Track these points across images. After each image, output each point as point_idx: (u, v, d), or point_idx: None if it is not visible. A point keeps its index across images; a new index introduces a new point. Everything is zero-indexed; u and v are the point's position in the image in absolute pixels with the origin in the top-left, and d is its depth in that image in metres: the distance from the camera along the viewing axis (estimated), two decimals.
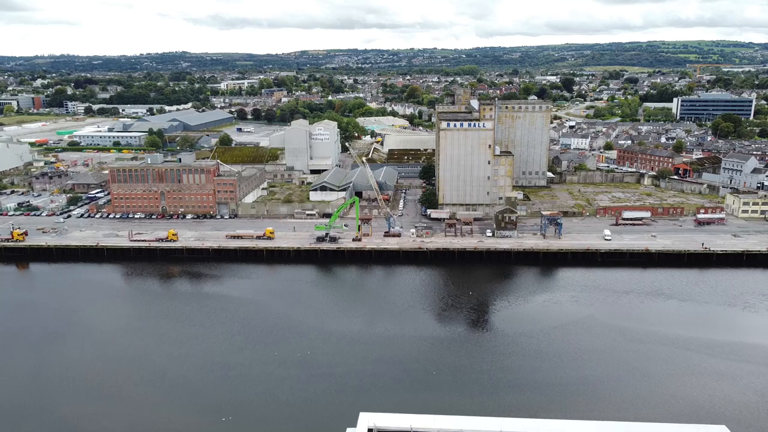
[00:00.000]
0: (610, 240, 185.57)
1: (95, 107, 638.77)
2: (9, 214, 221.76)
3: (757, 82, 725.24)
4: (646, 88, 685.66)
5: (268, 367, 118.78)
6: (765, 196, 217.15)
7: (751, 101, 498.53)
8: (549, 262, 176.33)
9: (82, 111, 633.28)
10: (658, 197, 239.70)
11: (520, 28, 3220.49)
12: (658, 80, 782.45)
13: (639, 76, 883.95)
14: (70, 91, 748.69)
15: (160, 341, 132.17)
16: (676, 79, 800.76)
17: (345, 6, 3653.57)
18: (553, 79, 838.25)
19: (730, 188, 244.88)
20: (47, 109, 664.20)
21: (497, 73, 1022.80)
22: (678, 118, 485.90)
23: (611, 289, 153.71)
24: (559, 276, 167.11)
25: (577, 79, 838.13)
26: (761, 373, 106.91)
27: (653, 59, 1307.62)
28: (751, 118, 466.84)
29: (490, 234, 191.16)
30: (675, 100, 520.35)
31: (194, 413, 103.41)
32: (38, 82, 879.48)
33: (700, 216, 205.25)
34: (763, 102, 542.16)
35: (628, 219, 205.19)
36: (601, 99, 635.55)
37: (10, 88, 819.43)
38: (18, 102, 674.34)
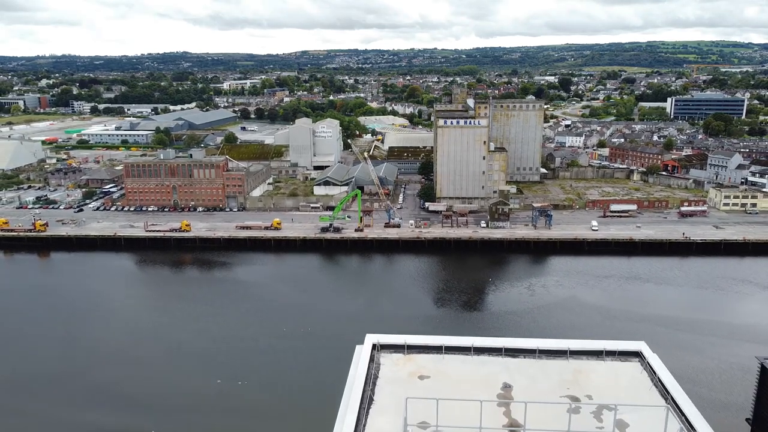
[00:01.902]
0: (596, 230, 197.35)
1: (101, 107, 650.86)
2: (29, 207, 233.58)
3: (752, 82, 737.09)
4: (642, 88, 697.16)
5: (275, 341, 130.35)
6: (745, 189, 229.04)
7: (743, 101, 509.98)
8: (539, 250, 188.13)
9: (88, 110, 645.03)
10: (646, 192, 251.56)
11: (520, 28, 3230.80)
12: (656, 80, 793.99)
13: (636, 76, 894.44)
14: (75, 90, 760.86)
15: (177, 318, 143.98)
16: (673, 79, 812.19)
17: (344, 6, 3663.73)
18: (551, 79, 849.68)
19: (715, 183, 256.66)
20: (53, 109, 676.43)
21: (496, 73, 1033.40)
22: (672, 117, 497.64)
23: (594, 274, 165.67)
24: (548, 263, 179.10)
25: (575, 79, 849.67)
26: (722, 344, 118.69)
27: (652, 59, 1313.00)
28: (743, 117, 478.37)
29: (485, 225, 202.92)
30: (669, 99, 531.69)
31: (212, 378, 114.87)
32: (43, 82, 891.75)
33: (683, 209, 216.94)
34: (756, 102, 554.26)
35: (615, 211, 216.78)
36: (598, 99, 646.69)
37: (16, 87, 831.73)
38: (24, 102, 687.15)
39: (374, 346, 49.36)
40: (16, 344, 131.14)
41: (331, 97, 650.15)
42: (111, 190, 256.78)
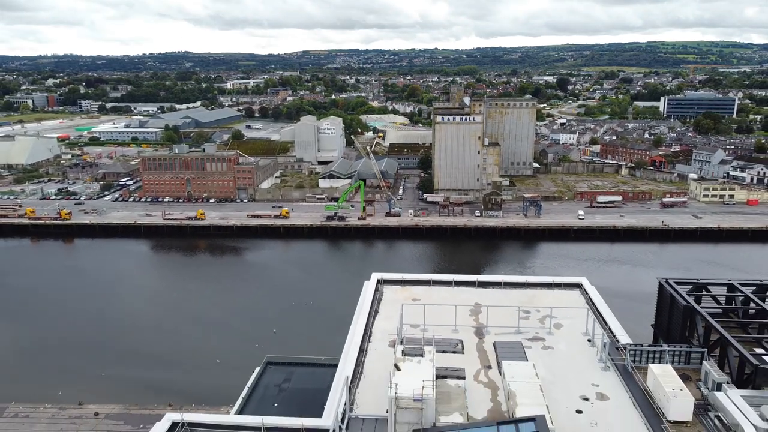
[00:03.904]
0: (583, 219, 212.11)
1: (108, 105, 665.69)
2: (51, 198, 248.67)
3: (747, 82, 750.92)
4: (638, 88, 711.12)
5: (284, 312, 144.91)
6: (723, 182, 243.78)
7: (733, 100, 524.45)
8: (529, 237, 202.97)
9: (96, 109, 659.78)
10: (633, 185, 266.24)
11: (520, 28, 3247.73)
12: (653, 80, 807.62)
13: (634, 76, 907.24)
14: (82, 90, 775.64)
15: (196, 295, 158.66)
16: (670, 79, 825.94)
17: (344, 6, 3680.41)
18: (549, 79, 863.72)
19: (699, 178, 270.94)
20: (61, 108, 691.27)
21: (496, 73, 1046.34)
22: (665, 116, 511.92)
23: (577, 257, 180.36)
24: (536, 248, 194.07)
25: (573, 79, 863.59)
26: None
27: (652, 60, 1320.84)
28: (734, 116, 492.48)
29: (479, 214, 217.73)
30: (662, 99, 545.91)
31: (232, 342, 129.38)
32: (50, 81, 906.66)
33: (665, 200, 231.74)
34: (748, 101, 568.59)
35: (601, 202, 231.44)
36: (594, 98, 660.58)
37: (23, 87, 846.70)
38: (33, 100, 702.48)
39: (378, 281, 64.66)
40: (52, 316, 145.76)
41: (333, 97, 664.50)
42: (127, 182, 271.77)
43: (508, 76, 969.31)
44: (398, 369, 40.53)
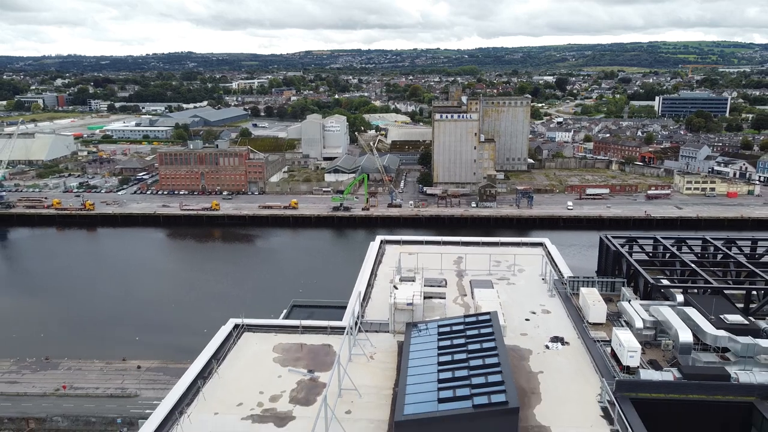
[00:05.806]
0: (571, 209, 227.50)
1: (117, 105, 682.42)
2: (74, 191, 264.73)
3: (744, 82, 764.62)
4: (635, 88, 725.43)
5: (292, 288, 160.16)
6: (705, 176, 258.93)
7: (726, 99, 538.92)
8: (521, 225, 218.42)
9: (105, 108, 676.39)
10: (622, 179, 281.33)
11: (522, 28, 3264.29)
12: (651, 80, 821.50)
13: (633, 76, 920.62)
14: (91, 90, 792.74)
15: (215, 276, 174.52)
16: (668, 79, 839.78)
17: (345, 6, 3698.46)
18: (549, 79, 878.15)
19: (684, 172, 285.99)
20: (71, 107, 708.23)
21: (497, 73, 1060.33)
22: (659, 114, 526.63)
23: (563, 243, 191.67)
24: (527, 236, 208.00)
25: (573, 78, 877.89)
26: None
27: (653, 60, 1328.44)
28: (727, 114, 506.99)
29: (474, 205, 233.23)
30: (657, 98, 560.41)
31: (251, 313, 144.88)
32: (58, 82, 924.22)
33: (650, 192, 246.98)
34: (741, 100, 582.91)
35: (590, 194, 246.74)
36: (591, 98, 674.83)
37: (33, 87, 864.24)
38: (43, 100, 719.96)
39: (381, 241, 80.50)
40: (86, 293, 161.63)
41: (337, 96, 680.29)
42: (144, 177, 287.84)
43: (509, 76, 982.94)
44: (396, 288, 56.18)
